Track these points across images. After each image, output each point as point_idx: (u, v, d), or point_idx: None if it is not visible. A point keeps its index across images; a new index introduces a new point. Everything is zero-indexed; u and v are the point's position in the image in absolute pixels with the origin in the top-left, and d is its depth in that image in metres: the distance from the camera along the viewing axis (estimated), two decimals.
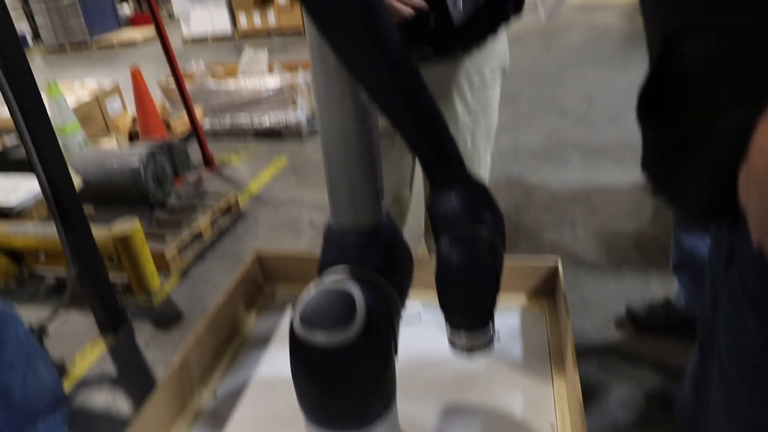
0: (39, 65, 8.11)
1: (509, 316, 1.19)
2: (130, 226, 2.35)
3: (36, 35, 9.30)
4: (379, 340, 0.68)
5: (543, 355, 1.08)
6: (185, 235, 2.71)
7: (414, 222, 1.91)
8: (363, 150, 0.72)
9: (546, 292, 1.23)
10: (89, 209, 2.74)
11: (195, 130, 3.73)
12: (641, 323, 2.00)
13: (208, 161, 3.81)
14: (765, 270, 0.60)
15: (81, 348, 2.22)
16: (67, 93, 3.97)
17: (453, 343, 0.81)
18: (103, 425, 1.88)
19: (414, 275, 0.84)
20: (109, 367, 2.12)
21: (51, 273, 2.59)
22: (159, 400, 0.96)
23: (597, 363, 1.89)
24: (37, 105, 1.89)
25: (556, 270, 1.19)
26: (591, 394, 1.76)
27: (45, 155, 1.92)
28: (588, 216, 2.77)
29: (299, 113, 4.12)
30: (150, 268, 2.45)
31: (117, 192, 2.84)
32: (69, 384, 2.04)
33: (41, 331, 2.12)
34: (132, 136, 4.06)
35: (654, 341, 1.94)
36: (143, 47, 8.44)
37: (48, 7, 8.56)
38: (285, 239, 2.89)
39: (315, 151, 3.86)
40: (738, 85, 0.56)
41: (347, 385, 0.67)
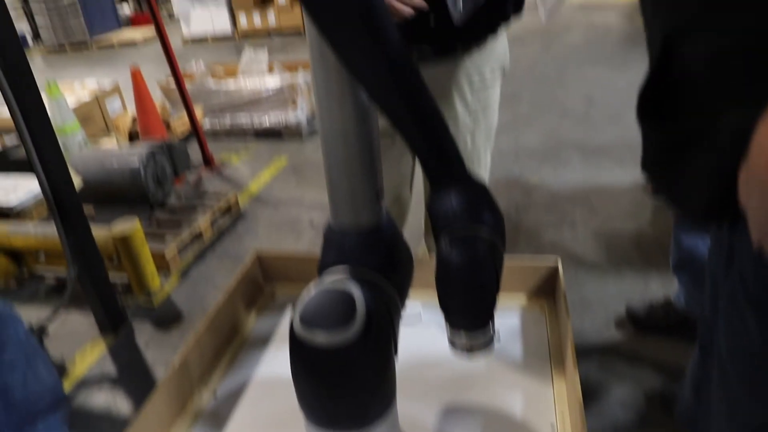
0: (39, 65, 8.11)
1: (509, 316, 1.19)
2: (130, 226, 2.35)
3: (36, 35, 9.31)
4: (379, 340, 0.68)
5: (543, 355, 1.08)
6: (185, 235, 2.71)
7: (414, 222, 1.91)
8: (363, 150, 0.72)
9: (546, 292, 1.23)
10: (89, 209, 2.74)
11: (195, 130, 3.73)
12: (641, 323, 2.00)
13: (208, 161, 3.81)
14: (765, 270, 0.60)
15: (81, 348, 2.22)
16: (67, 93, 3.97)
17: (453, 343, 0.81)
18: (103, 425, 1.88)
19: (414, 275, 0.84)
20: (109, 367, 2.12)
21: (51, 273, 2.59)
22: (159, 400, 0.96)
23: (597, 363, 1.89)
24: (37, 105, 1.89)
25: (556, 270, 1.19)
26: (591, 394, 1.77)
27: (45, 155, 1.92)
28: (588, 216, 2.77)
29: (299, 113, 4.12)
30: (150, 268, 2.46)
31: (117, 192, 2.84)
32: (69, 384, 2.04)
33: (41, 331, 2.12)
34: (132, 136, 4.06)
35: (654, 341, 1.94)
36: (143, 47, 8.44)
37: (48, 7, 8.57)
38: (285, 239, 2.89)
39: (315, 151, 3.86)
40: (738, 85, 0.56)
41: (347, 385, 0.67)
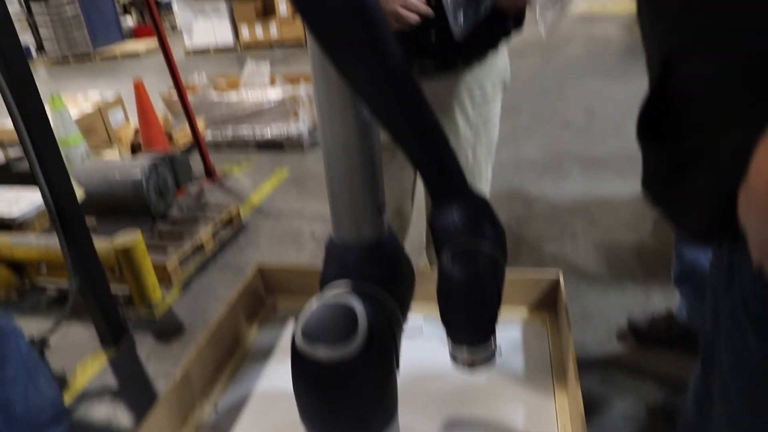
0: (42, 77, 8.16)
1: (511, 329, 1.18)
2: (131, 237, 2.35)
3: (40, 47, 9.38)
4: (381, 354, 0.68)
5: (545, 368, 1.08)
6: (187, 247, 2.72)
7: (415, 234, 1.91)
8: (365, 164, 0.72)
9: (547, 304, 1.23)
10: (91, 221, 2.75)
11: (197, 141, 3.75)
12: (643, 336, 1.99)
13: (209, 173, 3.82)
14: (765, 289, 0.60)
15: (82, 360, 2.22)
16: (70, 105, 3.99)
17: (455, 358, 0.81)
18: None
19: (415, 288, 0.84)
20: (110, 380, 2.12)
21: (53, 285, 2.59)
22: (160, 413, 0.96)
23: (599, 376, 1.88)
24: (41, 117, 1.91)
25: (557, 283, 1.19)
26: (593, 407, 1.76)
27: (48, 167, 1.93)
28: (589, 228, 2.77)
29: (301, 125, 4.14)
30: (151, 279, 2.46)
31: (119, 204, 2.85)
32: (70, 396, 2.04)
33: (42, 344, 2.12)
34: (134, 147, 4.08)
35: (656, 354, 1.94)
36: (146, 59, 8.49)
37: (52, 19, 8.63)
38: (287, 251, 2.90)
39: (316, 163, 3.87)
40: (737, 105, 0.56)
41: (349, 400, 0.67)
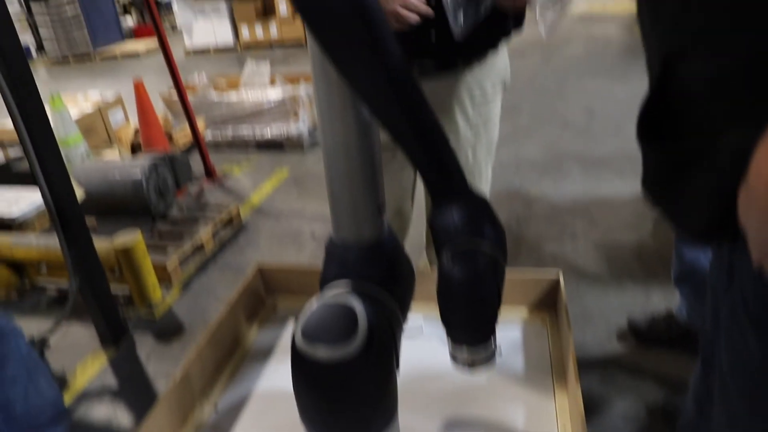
0: (42, 77, 8.16)
1: (511, 329, 1.18)
2: (131, 237, 2.35)
3: (40, 47, 9.38)
4: (381, 354, 0.68)
5: (545, 368, 1.08)
6: (187, 247, 2.72)
7: (415, 234, 1.91)
8: (365, 164, 0.73)
9: (547, 304, 1.23)
10: (91, 221, 2.75)
11: (197, 141, 3.75)
12: (643, 336, 2.00)
13: (209, 173, 3.82)
14: (765, 289, 0.60)
15: (82, 360, 2.22)
16: (70, 105, 3.99)
17: (454, 358, 0.81)
18: None
19: (416, 288, 0.84)
20: (110, 380, 2.12)
21: (52, 285, 2.59)
22: (160, 413, 0.96)
23: (599, 376, 1.88)
24: (41, 117, 1.91)
25: (557, 283, 1.19)
26: (593, 407, 1.76)
27: (48, 167, 1.93)
28: (589, 228, 2.77)
29: (301, 125, 4.14)
30: (151, 279, 2.46)
31: (119, 204, 2.85)
32: (70, 396, 2.04)
33: (42, 344, 2.12)
34: (134, 147, 4.08)
35: (656, 354, 1.94)
36: (146, 59, 8.49)
37: (52, 19, 8.63)
38: (287, 251, 2.90)
39: (316, 163, 3.87)
40: (738, 105, 0.56)
41: (349, 400, 0.67)
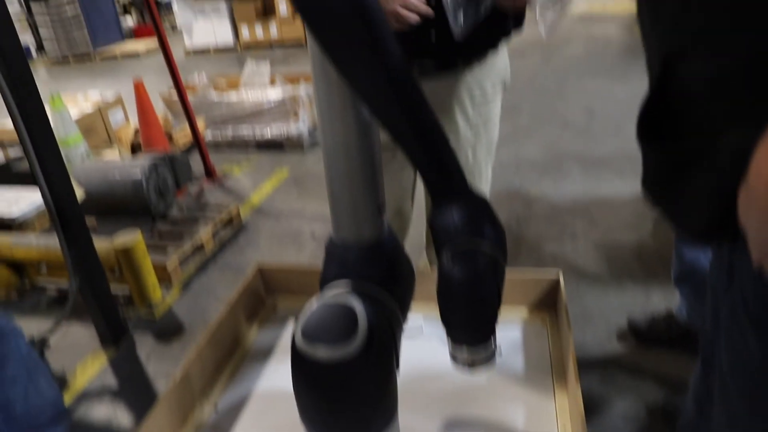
0: (43, 76, 8.16)
1: (511, 329, 1.18)
2: (131, 237, 2.35)
3: (40, 47, 9.38)
4: (381, 354, 0.68)
5: (545, 368, 1.08)
6: (187, 247, 2.72)
7: (415, 234, 1.91)
8: (365, 165, 0.73)
9: (547, 304, 1.23)
10: (91, 221, 2.75)
11: (197, 141, 3.75)
12: (643, 336, 2.00)
13: (209, 173, 3.82)
14: (765, 289, 0.60)
15: (82, 360, 2.22)
16: (70, 105, 3.99)
17: (454, 358, 0.81)
18: None
19: (416, 288, 0.84)
20: (110, 380, 2.12)
21: (52, 285, 2.59)
22: (160, 413, 0.96)
23: (599, 376, 1.88)
24: (41, 117, 1.91)
25: (557, 283, 1.19)
26: (593, 407, 1.76)
27: (48, 167, 1.93)
28: (589, 228, 2.77)
29: (301, 125, 4.14)
30: (151, 279, 2.46)
31: (119, 204, 2.85)
32: (70, 397, 2.04)
33: (42, 344, 2.12)
34: (134, 147, 4.08)
35: (656, 354, 1.94)
36: (146, 58, 8.49)
37: (52, 19, 8.63)
38: (287, 251, 2.90)
39: (316, 163, 3.87)
40: (737, 105, 0.56)
41: (349, 400, 0.67)
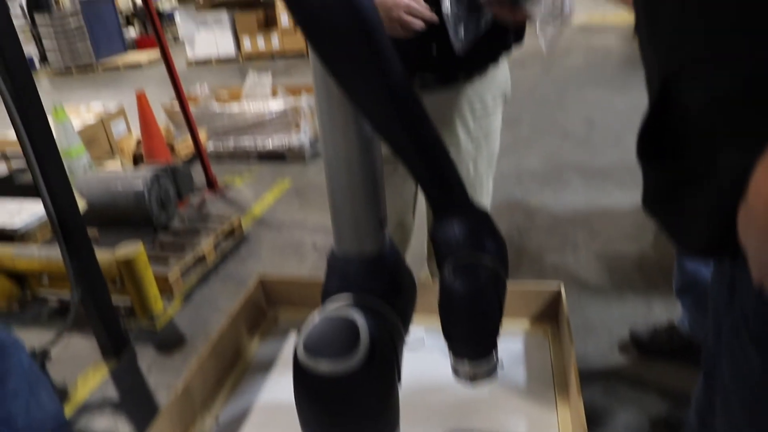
0: (46, 87, 8.21)
1: (512, 341, 1.18)
2: (133, 249, 2.36)
3: (43, 58, 9.44)
4: (383, 368, 0.68)
5: (546, 381, 1.08)
6: (188, 258, 2.72)
7: (417, 246, 1.91)
8: (366, 178, 0.73)
9: (549, 316, 1.23)
10: (93, 232, 2.75)
11: (199, 152, 3.76)
12: (645, 347, 1.99)
13: (211, 184, 3.83)
14: (766, 307, 0.60)
15: (83, 372, 2.22)
16: (73, 116, 4.01)
17: (456, 372, 0.81)
18: None
19: (417, 300, 0.85)
20: (111, 392, 2.11)
21: (54, 296, 2.59)
22: (161, 425, 0.96)
23: (601, 388, 1.88)
24: (44, 128, 1.91)
25: (559, 294, 1.19)
26: (595, 419, 1.75)
27: (50, 178, 1.93)
28: (590, 239, 2.77)
29: (302, 136, 4.15)
30: (153, 291, 2.46)
31: (121, 215, 2.85)
32: (71, 408, 2.03)
33: (44, 355, 2.11)
34: (136, 158, 4.09)
35: (658, 366, 1.93)
36: (148, 69, 8.54)
37: (55, 31, 8.70)
38: (288, 262, 2.90)
39: (318, 174, 3.88)
40: (737, 125, 0.56)
41: (351, 413, 0.67)
